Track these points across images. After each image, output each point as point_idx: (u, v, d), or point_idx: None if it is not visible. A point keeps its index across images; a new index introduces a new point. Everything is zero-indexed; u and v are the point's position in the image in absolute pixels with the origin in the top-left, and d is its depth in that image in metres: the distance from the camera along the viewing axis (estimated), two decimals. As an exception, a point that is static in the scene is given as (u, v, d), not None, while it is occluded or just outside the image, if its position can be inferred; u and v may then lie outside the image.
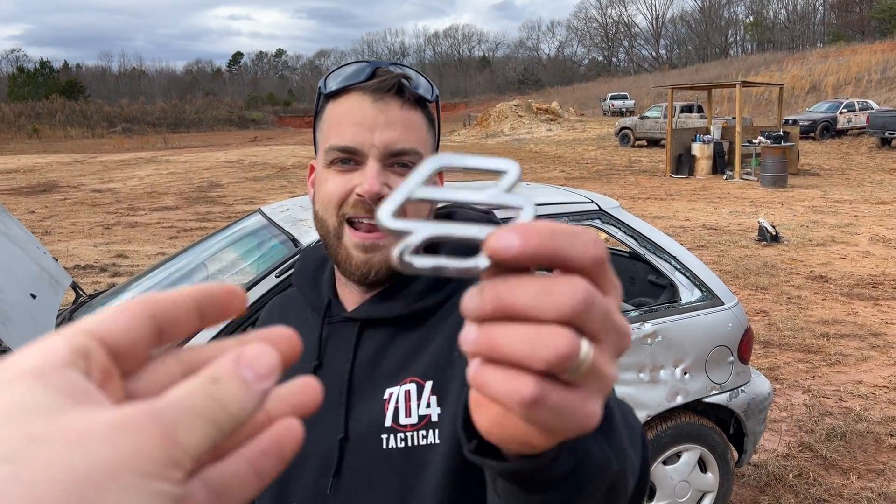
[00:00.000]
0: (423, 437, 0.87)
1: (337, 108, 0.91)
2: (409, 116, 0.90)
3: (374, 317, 0.94)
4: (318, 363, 0.95)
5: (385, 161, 0.89)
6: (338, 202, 0.89)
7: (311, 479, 0.92)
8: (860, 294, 7.04)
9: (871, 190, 15.28)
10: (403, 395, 0.88)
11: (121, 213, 13.63)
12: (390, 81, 0.89)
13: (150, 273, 3.26)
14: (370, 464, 0.89)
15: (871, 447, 3.93)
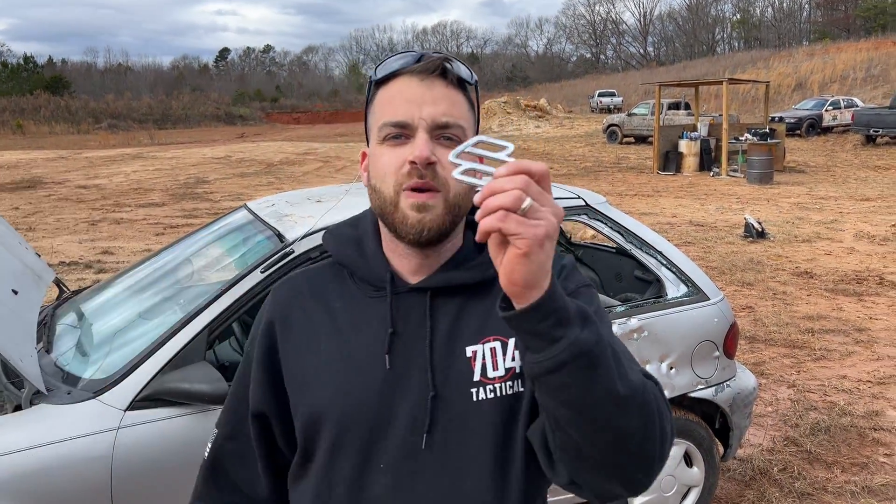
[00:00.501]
0: (511, 388, 0.99)
1: (387, 90, 1.01)
2: (452, 95, 1.00)
3: (447, 285, 1.03)
4: (392, 331, 1.02)
5: (432, 133, 0.97)
6: (394, 171, 0.98)
7: (398, 440, 0.99)
8: (844, 290, 7.09)
9: (856, 187, 15.40)
10: (489, 351, 1.00)
11: (106, 209, 13.53)
12: (435, 63, 0.99)
13: (135, 269, 3.24)
14: (462, 416, 0.98)
15: (854, 441, 3.96)
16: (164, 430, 2.20)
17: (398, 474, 0.99)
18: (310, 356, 1.05)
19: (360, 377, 1.01)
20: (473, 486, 0.98)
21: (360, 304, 1.05)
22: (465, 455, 0.98)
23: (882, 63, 40.18)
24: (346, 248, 1.10)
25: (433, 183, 0.97)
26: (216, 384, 2.17)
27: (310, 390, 1.03)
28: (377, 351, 1.01)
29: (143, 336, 2.46)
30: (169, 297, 2.73)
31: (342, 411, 1.00)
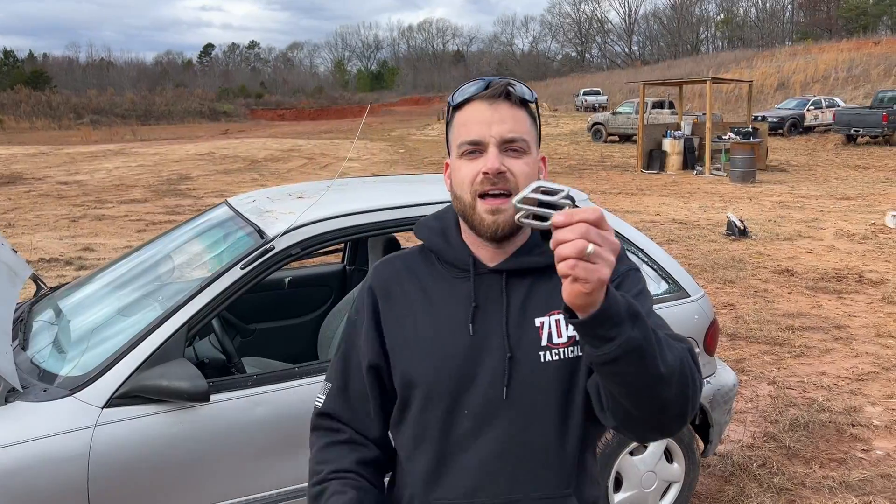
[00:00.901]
0: (572, 352, 1.22)
1: (462, 114, 1.24)
2: (515, 114, 1.22)
3: (519, 268, 1.26)
4: (475, 305, 1.25)
5: (501, 147, 1.19)
6: (470, 181, 1.20)
7: (481, 392, 1.22)
8: (825, 287, 7.16)
9: (837, 186, 15.56)
10: (554, 322, 1.24)
11: (88, 205, 13.39)
12: (500, 89, 1.21)
13: (114, 265, 3.20)
14: (533, 374, 1.22)
15: (833, 437, 4.00)
16: (143, 427, 2.18)
17: (478, 419, 1.23)
18: (407, 325, 1.29)
19: (450, 342, 1.25)
20: (540, 431, 1.22)
21: (447, 283, 1.29)
22: (534, 405, 1.22)
23: (863, 63, 40.61)
24: (435, 237, 1.32)
25: (505, 186, 1.19)
26: (195, 381, 2.15)
27: (407, 354, 1.27)
28: (462, 321, 1.25)
29: (122, 333, 2.43)
30: (148, 294, 2.71)
31: (434, 370, 1.24)
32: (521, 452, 1.22)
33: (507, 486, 1.22)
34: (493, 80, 1.24)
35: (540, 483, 1.23)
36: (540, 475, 1.23)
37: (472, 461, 1.23)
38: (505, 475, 1.22)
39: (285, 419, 2.35)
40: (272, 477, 2.36)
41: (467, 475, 1.23)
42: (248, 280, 2.41)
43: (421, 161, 22.57)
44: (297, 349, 3.75)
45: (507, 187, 1.19)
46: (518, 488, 1.22)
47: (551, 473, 1.23)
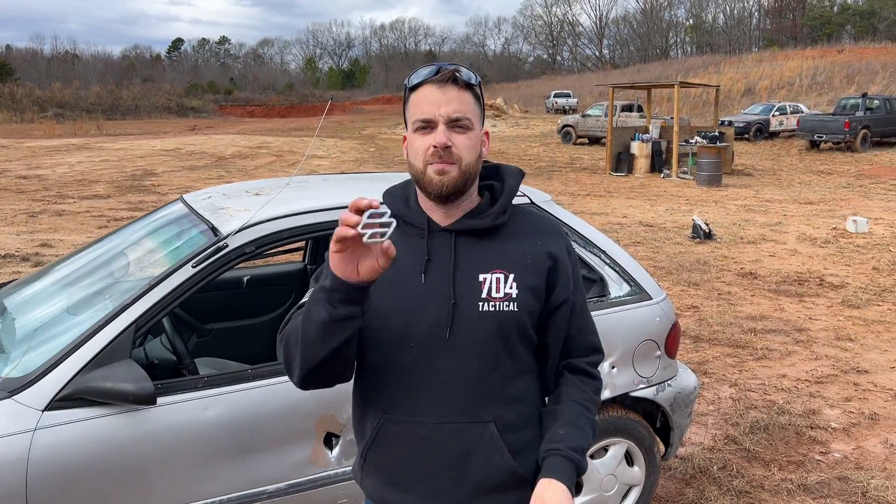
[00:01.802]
0: (506, 306, 1.46)
1: (416, 95, 1.44)
2: (461, 96, 1.43)
3: (467, 228, 1.48)
4: (428, 258, 1.47)
5: (448, 124, 1.41)
6: (423, 152, 1.42)
7: (425, 330, 1.45)
8: (787, 290, 7.25)
9: (800, 190, 15.82)
10: (494, 280, 1.46)
11: (48, 200, 13.08)
12: (448, 74, 1.42)
13: (65, 262, 3.10)
14: (471, 319, 1.45)
15: (792, 439, 4.03)
16: (86, 431, 2.10)
17: (422, 351, 1.45)
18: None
19: (404, 287, 1.47)
20: (472, 367, 1.45)
21: (409, 239, 1.49)
22: (469, 346, 1.45)
23: (827, 71, 41.43)
24: (397, 203, 1.53)
25: (450, 158, 1.41)
26: (140, 383, 2.08)
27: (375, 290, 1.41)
28: (417, 271, 1.47)
29: (68, 332, 2.34)
30: (97, 292, 2.61)
31: (390, 305, 1.45)
32: (454, 382, 1.45)
33: (442, 409, 1.46)
34: (444, 65, 1.44)
35: (468, 411, 1.46)
36: (469, 404, 1.46)
37: (415, 386, 1.46)
38: (440, 400, 1.45)
39: (237, 422, 2.29)
40: (223, 482, 2.29)
41: (410, 397, 1.47)
42: (199, 279, 2.33)
43: (391, 160, 22.46)
44: (256, 350, 3.67)
45: (452, 159, 1.41)
46: (450, 412, 1.46)
47: (478, 403, 1.46)
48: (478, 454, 1.47)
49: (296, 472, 2.39)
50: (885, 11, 61.47)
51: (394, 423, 1.49)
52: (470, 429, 1.46)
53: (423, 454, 1.48)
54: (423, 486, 1.49)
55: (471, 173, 1.46)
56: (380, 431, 1.51)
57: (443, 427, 1.46)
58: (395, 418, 1.48)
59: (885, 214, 12.10)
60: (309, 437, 2.41)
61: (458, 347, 1.45)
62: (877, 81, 37.10)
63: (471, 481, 1.48)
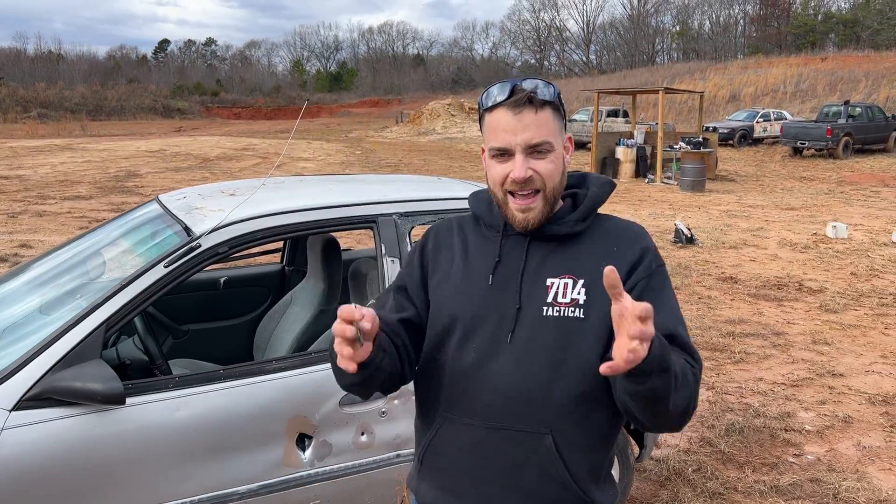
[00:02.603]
0: (572, 312, 1.39)
1: (491, 118, 1.41)
2: (538, 118, 1.37)
3: (543, 233, 1.44)
4: (498, 260, 1.46)
5: (526, 152, 1.37)
6: (500, 182, 1.41)
7: (489, 332, 1.43)
8: (766, 295, 7.32)
9: (783, 196, 15.96)
10: (562, 284, 1.41)
11: (29, 201, 12.97)
12: (522, 98, 1.36)
13: (38, 262, 3.08)
14: (534, 325, 1.40)
15: (766, 442, 4.07)
16: (54, 431, 2.09)
17: (483, 355, 1.42)
18: (446, 269, 1.53)
19: (473, 287, 1.47)
20: (532, 374, 1.39)
21: (484, 240, 1.51)
22: (530, 352, 1.39)
23: (810, 78, 41.85)
24: (481, 205, 1.55)
25: (532, 187, 1.38)
26: (109, 383, 2.07)
27: (441, 291, 1.51)
28: (486, 272, 1.47)
29: (38, 332, 2.32)
30: (69, 292, 2.60)
31: (456, 305, 1.47)
32: (512, 390, 1.40)
33: (498, 415, 1.41)
34: (517, 83, 1.38)
35: (524, 419, 1.40)
36: (525, 412, 1.40)
37: (473, 388, 1.43)
38: (496, 406, 1.41)
39: (209, 423, 2.28)
40: (194, 482, 2.28)
41: (468, 399, 1.44)
42: (171, 279, 2.33)
43: (377, 163, 22.46)
44: (233, 351, 3.66)
45: (534, 187, 1.39)
46: (505, 419, 1.41)
47: (535, 412, 1.39)
48: (532, 465, 1.40)
49: (268, 472, 2.39)
50: (868, 20, 62.21)
51: (452, 424, 1.46)
52: (524, 438, 1.40)
53: (477, 459, 1.44)
54: (476, 492, 1.45)
55: (556, 196, 1.43)
56: (439, 430, 1.48)
57: (497, 433, 1.41)
58: (454, 418, 1.45)
59: (864, 220, 12.24)
60: (281, 438, 2.40)
61: (518, 352, 1.40)
62: (859, 89, 37.52)
63: (524, 492, 1.42)
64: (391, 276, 2.59)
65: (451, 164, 22.33)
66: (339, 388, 2.42)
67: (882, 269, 8.49)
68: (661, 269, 1.48)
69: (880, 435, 4.18)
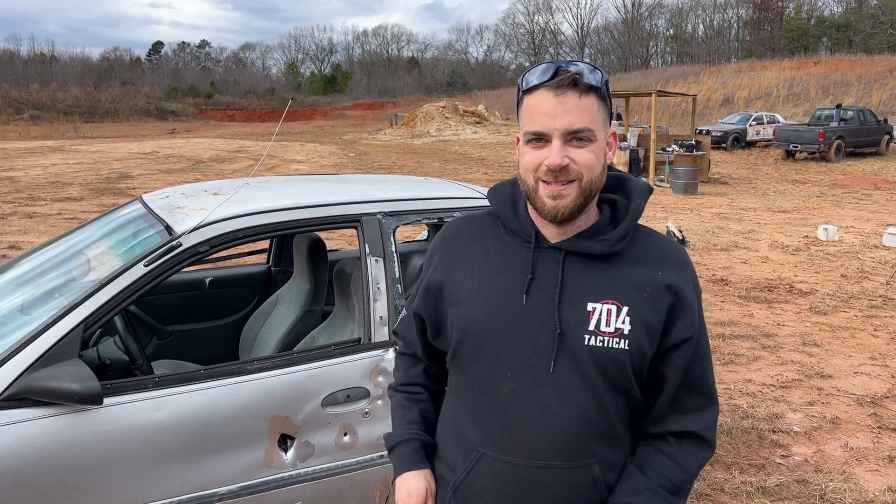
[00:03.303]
0: (617, 343, 1.28)
1: (530, 101, 1.28)
2: (582, 103, 1.25)
3: (580, 251, 1.32)
4: (532, 276, 1.32)
5: (565, 139, 1.25)
6: (534, 169, 1.28)
7: (525, 358, 1.30)
8: (756, 297, 7.33)
9: (775, 199, 16.00)
10: (605, 311, 1.29)
11: (19, 202, 12.91)
12: (567, 79, 1.24)
13: (18, 262, 3.05)
14: (575, 353, 1.28)
15: (754, 443, 4.06)
16: (30, 432, 2.06)
17: (520, 384, 1.31)
18: (466, 282, 1.38)
19: (502, 305, 1.32)
20: (575, 406, 1.29)
21: (509, 249, 1.37)
22: (572, 383, 1.29)
23: (803, 82, 42.07)
24: (504, 205, 1.40)
25: (567, 178, 1.26)
26: (86, 383, 2.05)
27: (463, 306, 1.37)
28: (517, 288, 1.32)
29: (16, 332, 2.30)
30: (47, 292, 2.58)
31: (485, 326, 1.33)
32: (558, 421, 1.30)
33: (546, 451, 1.31)
34: (563, 65, 1.26)
35: (571, 453, 1.31)
36: (573, 446, 1.31)
37: (514, 421, 1.32)
38: (542, 441, 1.31)
39: (189, 423, 2.26)
40: (174, 484, 2.26)
41: (509, 433, 1.32)
42: (152, 278, 2.31)
43: (371, 165, 22.44)
44: (218, 352, 3.64)
45: (569, 178, 1.27)
46: (554, 455, 1.31)
47: (582, 446, 1.31)
48: (579, 499, 1.34)
49: (249, 473, 2.37)
50: (860, 24, 62.55)
51: (491, 460, 1.34)
52: (574, 474, 1.31)
53: (520, 499, 1.33)
54: None
55: (592, 190, 1.30)
56: (476, 465, 1.36)
57: (546, 472, 1.31)
58: (493, 455, 1.34)
59: (855, 223, 12.27)
60: (263, 439, 2.38)
61: (563, 382, 1.29)
62: (851, 93, 37.70)
63: None
64: (375, 275, 2.58)
65: (445, 167, 22.33)
66: (321, 387, 2.44)
67: (872, 271, 8.51)
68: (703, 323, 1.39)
69: (868, 436, 4.18)
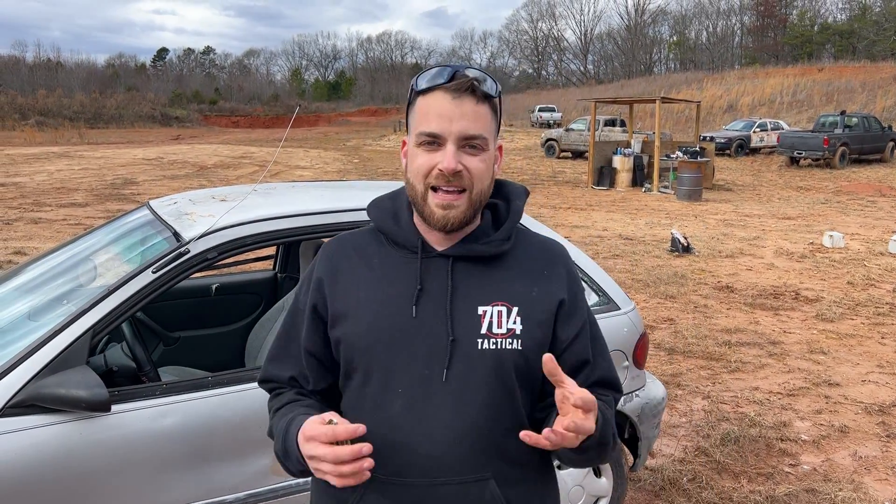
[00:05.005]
0: (510, 343, 1.25)
1: (425, 101, 1.23)
2: (478, 110, 1.22)
3: (466, 254, 1.29)
4: (420, 287, 1.27)
5: (459, 144, 1.21)
6: (424, 174, 1.22)
7: (415, 372, 1.24)
8: (762, 304, 7.30)
9: (779, 206, 15.97)
10: (496, 313, 1.26)
11: (24, 208, 12.94)
12: (465, 84, 1.20)
13: (25, 269, 3.05)
14: (469, 359, 1.24)
15: (762, 451, 4.04)
16: (38, 439, 2.06)
17: (412, 398, 1.24)
18: (351, 298, 1.30)
19: (390, 319, 1.26)
20: (470, 415, 1.24)
21: (395, 262, 1.31)
22: (467, 390, 1.24)
23: (807, 88, 42.04)
24: (385, 219, 1.35)
25: (459, 184, 1.21)
26: (94, 390, 2.04)
27: (349, 323, 1.29)
28: (406, 301, 1.26)
29: (24, 338, 2.30)
30: (56, 298, 2.57)
31: (373, 343, 1.26)
32: (451, 435, 1.24)
33: (438, 467, 1.24)
34: (460, 69, 1.23)
35: (466, 467, 1.24)
36: (468, 460, 1.24)
37: (404, 439, 1.24)
38: (435, 456, 1.24)
39: (195, 430, 2.25)
40: (179, 491, 2.25)
41: (399, 453, 1.24)
42: (160, 284, 2.30)
43: (375, 171, 22.46)
44: (224, 358, 3.63)
45: (461, 185, 1.22)
46: (447, 471, 1.24)
47: (477, 459, 1.25)
48: None
49: (255, 481, 2.36)
50: (864, 31, 62.52)
51: (383, 485, 1.25)
52: (470, 489, 1.24)
53: None
54: None
55: (481, 202, 1.27)
56: (365, 494, 1.27)
57: (439, 489, 1.23)
58: (384, 478, 1.24)
59: (860, 230, 12.24)
60: (269, 447, 2.37)
61: (455, 392, 1.24)
62: (855, 99, 37.66)
63: None
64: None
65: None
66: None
67: (878, 278, 8.48)
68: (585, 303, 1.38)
69: (876, 445, 4.15)
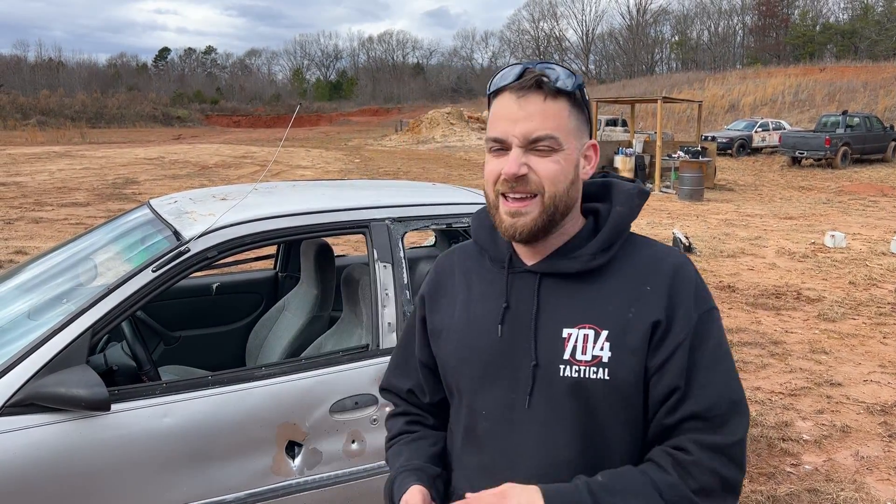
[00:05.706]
0: (594, 372, 1.14)
1: (494, 105, 1.18)
2: (546, 108, 1.13)
3: (554, 271, 1.20)
4: (506, 304, 1.21)
5: (525, 146, 1.13)
6: (493, 180, 1.18)
7: (501, 395, 1.19)
8: (764, 304, 7.29)
9: (781, 206, 15.96)
10: (582, 337, 1.15)
11: (25, 207, 12.94)
12: (529, 80, 1.13)
13: (24, 268, 3.04)
14: (551, 387, 1.16)
15: (763, 451, 4.03)
16: (37, 438, 2.05)
17: (495, 422, 1.20)
18: (446, 316, 1.30)
19: (477, 339, 1.23)
20: (559, 444, 1.16)
21: (490, 278, 1.26)
22: (550, 420, 1.16)
23: (809, 88, 41.99)
24: (482, 231, 1.31)
25: (525, 189, 1.14)
26: (94, 389, 2.03)
27: (443, 341, 1.29)
28: (494, 320, 1.22)
29: (24, 337, 2.29)
30: (56, 297, 2.57)
31: (460, 363, 1.25)
32: (536, 470, 1.16)
33: None
34: (530, 65, 1.15)
35: None
36: None
37: (490, 463, 1.22)
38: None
39: (196, 430, 2.24)
40: (180, 491, 2.24)
41: (487, 476, 1.20)
42: (160, 283, 2.29)
43: (376, 171, 22.46)
44: (225, 358, 3.63)
45: (528, 190, 1.14)
46: None
47: None
48: None
49: (257, 481, 2.35)
50: (866, 31, 62.47)
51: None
52: None
53: None
54: None
55: (558, 207, 1.16)
56: None
57: None
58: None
59: (862, 230, 12.22)
60: (270, 446, 2.37)
61: (540, 422, 1.17)
62: (857, 99, 37.62)
63: None
64: (384, 281, 2.57)
65: (450, 173, 22.33)
66: (329, 394, 2.42)
67: (880, 278, 8.46)
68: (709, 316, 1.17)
69: (878, 445, 4.14)
